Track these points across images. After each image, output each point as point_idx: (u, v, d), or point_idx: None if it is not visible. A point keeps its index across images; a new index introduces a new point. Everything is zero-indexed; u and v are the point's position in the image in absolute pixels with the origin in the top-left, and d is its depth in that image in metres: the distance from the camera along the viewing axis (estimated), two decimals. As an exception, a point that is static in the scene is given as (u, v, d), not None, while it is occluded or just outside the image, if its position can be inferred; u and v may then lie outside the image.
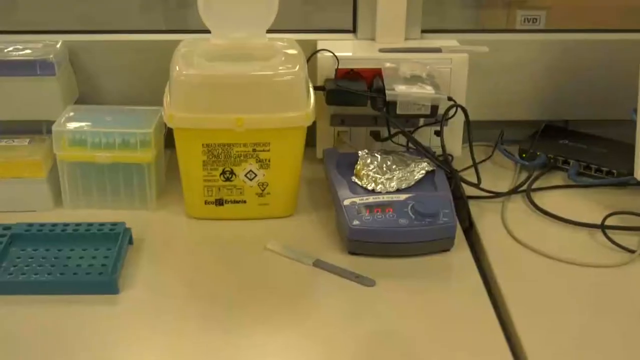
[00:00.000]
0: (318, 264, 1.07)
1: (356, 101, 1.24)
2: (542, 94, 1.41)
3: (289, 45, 1.20)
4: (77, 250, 1.07)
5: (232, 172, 1.15)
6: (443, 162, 1.21)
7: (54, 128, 1.17)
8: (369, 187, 1.15)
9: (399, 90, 1.20)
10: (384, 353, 0.92)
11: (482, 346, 0.94)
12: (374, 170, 1.17)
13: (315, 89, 1.21)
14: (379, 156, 1.20)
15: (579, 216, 1.18)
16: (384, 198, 1.12)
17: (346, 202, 1.11)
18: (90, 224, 1.10)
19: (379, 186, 1.14)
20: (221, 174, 1.15)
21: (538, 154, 1.33)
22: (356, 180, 1.17)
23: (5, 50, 1.27)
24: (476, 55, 1.30)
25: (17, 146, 1.21)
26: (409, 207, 1.10)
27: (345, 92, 1.23)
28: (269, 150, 1.13)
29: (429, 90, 1.21)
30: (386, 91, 1.20)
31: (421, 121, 1.28)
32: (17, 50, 1.27)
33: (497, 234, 1.16)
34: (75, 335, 0.94)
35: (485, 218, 1.19)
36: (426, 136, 1.30)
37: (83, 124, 1.18)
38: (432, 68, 1.25)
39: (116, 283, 1.01)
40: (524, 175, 1.31)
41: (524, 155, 1.34)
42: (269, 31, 1.20)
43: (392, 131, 1.27)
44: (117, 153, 1.16)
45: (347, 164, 1.20)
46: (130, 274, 1.05)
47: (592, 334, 0.95)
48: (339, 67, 1.25)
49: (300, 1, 1.93)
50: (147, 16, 2.02)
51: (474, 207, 1.21)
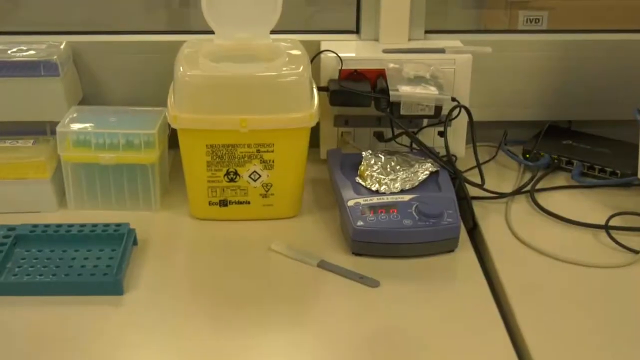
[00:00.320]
0: (322, 264, 1.07)
1: (360, 102, 1.24)
2: (545, 95, 1.41)
3: (292, 46, 1.21)
4: (81, 251, 1.07)
5: (236, 173, 1.15)
6: (447, 162, 1.21)
7: (58, 129, 1.17)
8: (373, 188, 1.15)
9: (402, 90, 1.20)
10: (388, 354, 0.92)
11: (486, 347, 0.94)
12: (378, 171, 1.17)
13: (319, 89, 1.21)
14: (382, 157, 1.20)
15: (582, 217, 1.18)
16: (388, 199, 1.12)
17: (350, 203, 1.11)
18: (95, 225, 1.10)
19: (383, 187, 1.14)
20: (225, 174, 1.15)
21: (542, 154, 1.33)
22: (360, 181, 1.17)
23: (10, 51, 1.27)
24: (479, 56, 1.30)
25: (22, 147, 1.21)
26: (413, 208, 1.10)
27: (348, 93, 1.23)
28: (273, 151, 1.13)
29: (432, 90, 1.21)
30: (390, 92, 1.20)
31: (425, 122, 1.28)
32: (21, 51, 1.27)
33: (501, 234, 1.16)
34: (80, 336, 0.94)
35: (489, 218, 1.19)
36: (430, 137, 1.30)
37: (87, 124, 1.18)
38: (436, 69, 1.25)
39: (121, 284, 1.01)
40: (527, 176, 1.31)
41: (527, 156, 1.34)
42: (272, 32, 1.20)
43: (396, 132, 1.27)
44: (121, 154, 1.16)
45: (351, 165, 1.20)
46: (134, 275, 1.05)
47: (597, 335, 0.95)
48: (343, 67, 1.26)
49: (304, 2, 1.93)
50: (150, 16, 2.02)
51: (477, 208, 1.21)
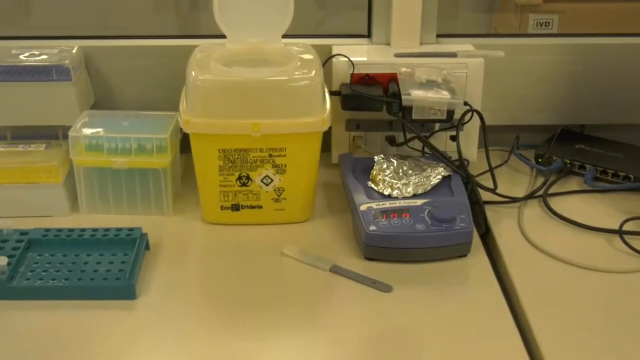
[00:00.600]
0: (335, 269, 1.07)
1: (372, 106, 1.23)
2: (558, 99, 1.41)
3: (304, 50, 1.21)
4: (94, 255, 1.07)
5: (248, 177, 1.15)
6: (459, 167, 1.21)
7: (70, 133, 1.17)
8: (385, 192, 1.14)
9: (415, 95, 1.20)
10: (401, 359, 0.92)
11: (500, 352, 0.93)
12: (390, 175, 1.17)
13: (331, 94, 1.20)
14: (395, 161, 1.19)
15: (596, 221, 1.17)
16: (400, 203, 1.12)
17: (362, 208, 1.11)
18: (107, 230, 1.10)
19: (395, 191, 1.14)
20: (237, 179, 1.15)
21: (554, 158, 1.32)
22: (372, 186, 1.16)
23: (22, 56, 1.28)
24: (491, 60, 1.29)
25: (34, 151, 1.21)
26: (426, 213, 1.10)
27: (360, 97, 1.23)
28: (285, 156, 1.13)
29: (445, 95, 1.20)
30: (402, 96, 1.20)
31: (437, 126, 1.28)
32: (34, 55, 1.28)
33: (514, 239, 1.15)
34: (93, 340, 0.94)
35: (502, 223, 1.19)
36: (442, 141, 1.29)
37: (99, 129, 1.18)
38: (448, 73, 1.25)
39: (134, 288, 1.01)
40: (540, 180, 1.30)
41: (539, 160, 1.33)
42: (283, 36, 1.20)
43: (408, 136, 1.27)
44: (133, 158, 1.16)
45: (363, 169, 1.20)
46: (147, 279, 1.05)
47: (611, 340, 0.95)
48: (354, 72, 1.25)
49: (314, 6, 1.93)
50: (160, 20, 2.03)
51: (490, 212, 1.20)
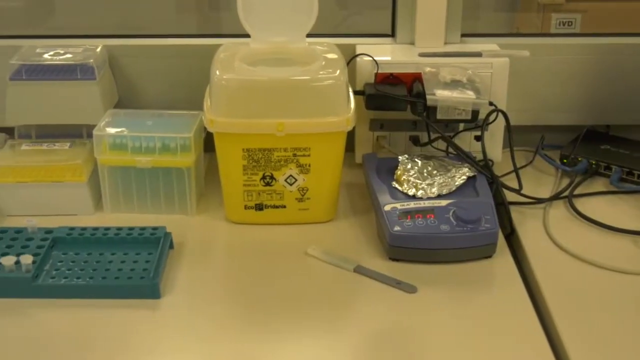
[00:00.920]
0: (359, 269, 1.06)
1: (396, 106, 1.23)
2: (583, 99, 1.39)
3: (328, 49, 1.20)
4: (118, 254, 1.07)
5: (272, 177, 1.15)
6: (484, 167, 1.20)
7: (94, 132, 1.17)
8: (410, 193, 1.14)
9: (439, 94, 1.19)
10: (428, 361, 0.92)
11: (526, 355, 0.92)
12: (415, 175, 1.16)
13: (355, 93, 1.20)
14: (419, 161, 1.19)
15: (622, 223, 1.16)
16: (425, 204, 1.11)
17: (387, 208, 1.10)
18: (131, 229, 1.10)
19: (420, 192, 1.13)
20: (261, 178, 1.14)
21: (579, 159, 1.31)
22: (396, 186, 1.16)
23: (46, 55, 1.28)
24: (516, 60, 1.28)
25: (58, 150, 1.22)
26: (451, 213, 1.09)
27: (385, 97, 1.22)
28: (309, 155, 1.13)
29: (470, 95, 1.20)
30: (427, 96, 1.19)
31: (461, 126, 1.27)
32: (58, 54, 1.28)
33: (539, 240, 1.14)
34: (116, 339, 0.94)
35: (527, 224, 1.18)
36: (466, 141, 1.29)
37: (123, 128, 1.18)
38: (473, 72, 1.24)
39: (158, 288, 1.01)
40: (565, 181, 1.29)
41: (565, 161, 1.32)
42: (307, 35, 1.20)
43: (432, 136, 1.26)
44: (157, 157, 1.16)
45: (387, 169, 1.20)
46: (171, 279, 1.05)
47: (638, 343, 0.94)
48: (379, 71, 1.25)
49: (336, 5, 1.93)
50: (181, 19, 2.03)
51: (515, 213, 1.20)
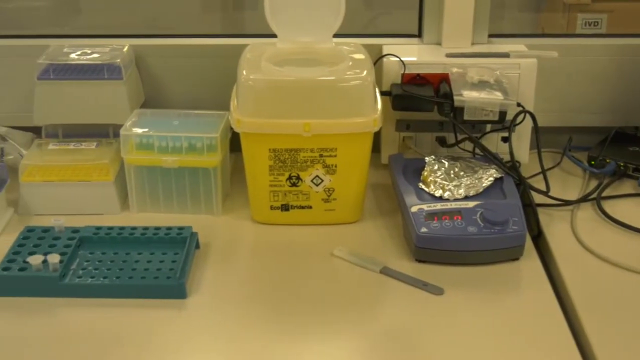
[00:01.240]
0: (385, 271, 1.06)
1: (423, 106, 1.22)
2: (611, 100, 1.38)
3: (355, 49, 1.20)
4: (144, 254, 1.07)
5: (298, 178, 1.14)
6: (511, 168, 1.19)
7: (121, 132, 1.17)
8: (437, 194, 1.13)
9: (467, 95, 1.19)
10: (455, 363, 0.91)
11: (553, 358, 0.92)
12: (442, 176, 1.15)
13: (381, 94, 1.19)
14: (446, 162, 1.18)
15: (651, 226, 1.15)
16: (452, 205, 1.10)
17: (413, 209, 1.10)
18: (158, 228, 1.10)
19: (447, 193, 1.13)
20: (287, 179, 1.14)
21: (608, 161, 1.29)
22: (423, 187, 1.15)
23: (74, 55, 1.29)
24: (543, 60, 1.27)
25: (85, 149, 1.22)
26: (478, 215, 1.08)
27: (411, 98, 1.22)
28: (335, 156, 1.13)
29: (497, 95, 1.19)
30: (454, 96, 1.19)
31: (488, 127, 1.26)
32: (85, 54, 1.29)
33: (567, 242, 1.13)
34: (143, 339, 0.95)
35: (555, 226, 1.17)
36: (493, 142, 1.28)
37: (150, 127, 1.18)
38: (501, 73, 1.23)
39: (184, 288, 1.01)
40: (593, 183, 1.28)
41: (593, 163, 1.31)
42: (333, 35, 1.19)
43: (459, 137, 1.25)
44: (183, 157, 1.16)
45: (413, 170, 1.19)
46: (197, 279, 1.05)
47: (669, 348, 0.93)
48: (405, 72, 1.24)
49: (362, 6, 1.92)
50: (205, 19, 2.03)
51: (542, 215, 1.18)
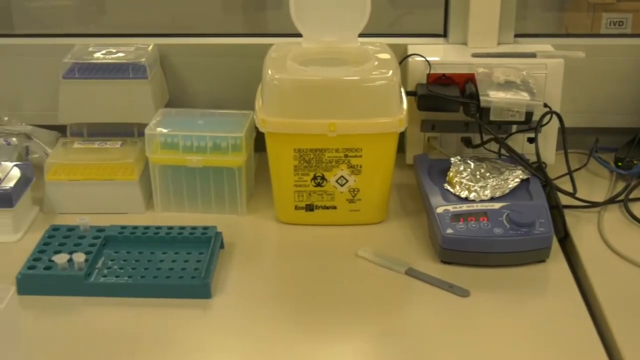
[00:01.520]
0: (410, 272, 1.05)
1: (448, 107, 1.22)
2: (638, 101, 1.36)
3: (380, 49, 1.19)
4: (169, 253, 1.07)
5: (323, 178, 1.14)
6: (537, 169, 1.18)
7: (146, 131, 1.17)
8: (462, 195, 1.12)
9: (493, 96, 1.18)
10: (481, 366, 0.90)
11: (582, 362, 0.91)
12: (467, 177, 1.14)
13: (407, 94, 1.19)
14: (472, 163, 1.17)
15: (679, 228, 1.14)
16: (477, 206, 1.10)
17: (439, 210, 1.09)
18: (182, 228, 1.10)
19: (473, 194, 1.12)
20: (312, 179, 1.14)
21: (635, 162, 1.28)
22: (449, 188, 1.14)
23: (99, 54, 1.29)
24: (570, 60, 1.26)
25: (110, 148, 1.22)
26: (504, 216, 1.07)
27: (437, 98, 1.21)
28: (360, 156, 1.12)
29: (524, 96, 1.18)
30: (480, 97, 1.18)
31: (513, 128, 1.25)
32: (110, 53, 1.29)
33: (594, 244, 1.12)
34: (167, 339, 0.94)
35: (581, 228, 1.16)
36: (519, 143, 1.27)
37: (174, 127, 1.18)
38: (527, 74, 1.22)
39: (209, 288, 1.01)
40: (620, 185, 1.27)
41: (620, 164, 1.30)
42: (358, 35, 1.19)
43: (485, 138, 1.24)
44: (208, 157, 1.16)
45: (439, 171, 1.18)
46: (221, 278, 1.05)
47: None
48: (431, 71, 1.23)
49: (388, 5, 1.92)
50: (227, 18, 2.04)
51: (569, 217, 1.17)
